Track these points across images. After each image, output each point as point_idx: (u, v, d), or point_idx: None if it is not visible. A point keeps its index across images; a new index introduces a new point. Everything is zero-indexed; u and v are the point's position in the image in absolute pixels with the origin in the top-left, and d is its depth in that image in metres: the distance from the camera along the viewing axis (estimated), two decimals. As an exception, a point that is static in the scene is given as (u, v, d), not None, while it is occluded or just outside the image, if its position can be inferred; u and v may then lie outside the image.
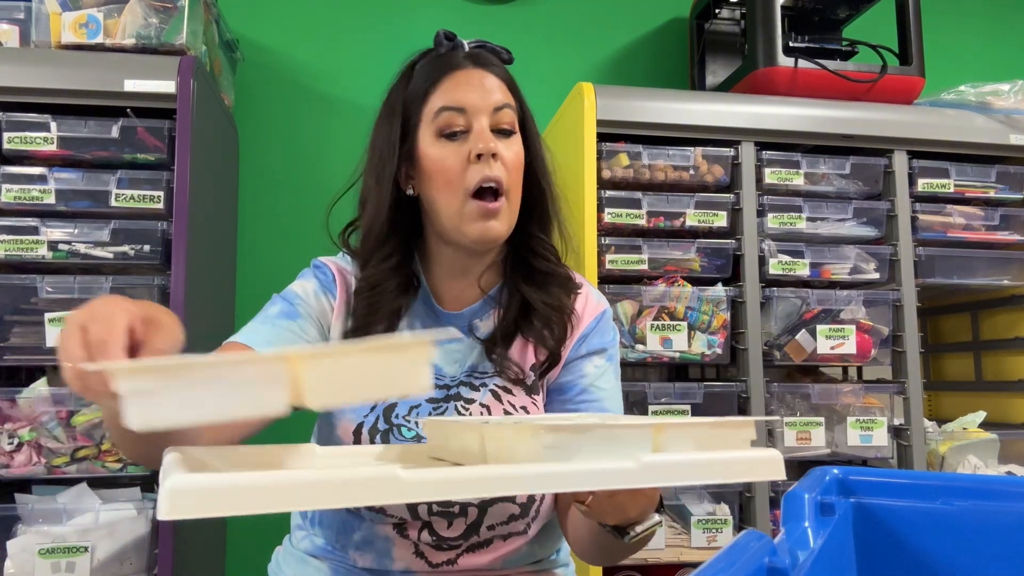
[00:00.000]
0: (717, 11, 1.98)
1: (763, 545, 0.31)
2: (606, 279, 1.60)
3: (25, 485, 1.42)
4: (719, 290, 1.62)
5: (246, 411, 0.48)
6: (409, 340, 0.53)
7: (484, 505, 0.87)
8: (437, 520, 0.86)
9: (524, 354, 0.96)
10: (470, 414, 0.90)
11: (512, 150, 0.90)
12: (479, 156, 0.87)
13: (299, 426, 0.90)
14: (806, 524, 0.36)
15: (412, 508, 0.86)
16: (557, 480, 0.49)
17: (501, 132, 0.91)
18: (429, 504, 0.86)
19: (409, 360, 0.50)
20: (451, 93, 0.89)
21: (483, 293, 0.97)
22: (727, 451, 0.49)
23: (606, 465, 0.49)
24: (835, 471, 0.41)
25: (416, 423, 0.89)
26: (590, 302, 1.00)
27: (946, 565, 0.37)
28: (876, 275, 1.70)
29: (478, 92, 0.89)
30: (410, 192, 0.94)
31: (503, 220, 0.89)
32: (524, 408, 0.92)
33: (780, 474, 0.49)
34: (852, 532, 0.39)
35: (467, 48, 0.94)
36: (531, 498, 0.88)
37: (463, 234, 0.89)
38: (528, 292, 0.94)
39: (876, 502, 0.39)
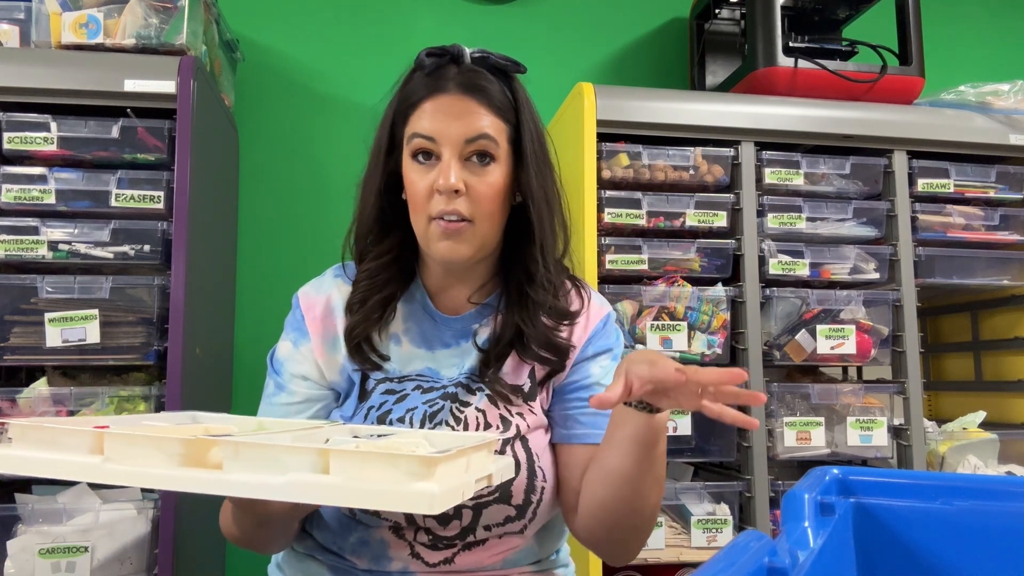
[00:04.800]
0: (717, 11, 1.98)
1: (763, 545, 0.31)
2: (606, 279, 1.60)
3: (25, 485, 1.42)
4: (719, 290, 1.62)
5: None
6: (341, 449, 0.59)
7: (479, 507, 0.87)
8: (432, 521, 0.86)
9: (521, 365, 0.95)
10: (465, 417, 0.90)
11: (486, 180, 0.88)
12: (439, 191, 0.87)
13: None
14: (806, 524, 0.35)
15: (408, 515, 0.86)
16: (213, 485, 0.58)
17: (476, 159, 0.88)
18: None
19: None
20: (426, 119, 0.87)
21: (475, 306, 0.97)
22: (383, 481, 0.55)
23: (260, 478, 0.57)
24: (835, 471, 0.40)
25: (409, 424, 0.89)
26: (593, 306, 0.99)
27: (946, 565, 0.37)
28: (876, 275, 1.70)
29: (452, 122, 0.86)
30: (404, 197, 0.93)
31: (466, 242, 0.88)
32: (520, 414, 0.92)
33: (427, 509, 0.53)
34: (852, 532, 0.39)
35: (468, 58, 0.90)
36: (527, 500, 0.88)
37: (430, 253, 0.90)
38: (523, 323, 0.93)
39: (876, 502, 0.39)
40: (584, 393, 0.94)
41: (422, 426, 0.89)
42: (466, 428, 0.89)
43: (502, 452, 0.88)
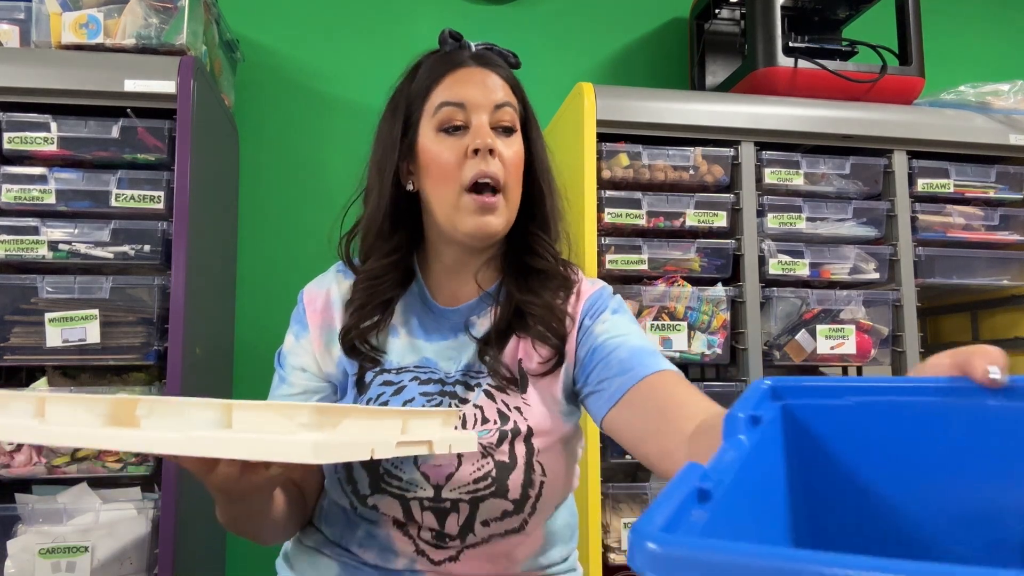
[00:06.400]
0: (717, 11, 1.98)
1: (696, 470, 0.35)
2: (606, 279, 1.57)
3: (25, 485, 1.42)
4: (719, 290, 1.62)
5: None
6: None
7: (475, 501, 0.86)
8: (429, 516, 0.86)
9: (519, 353, 0.94)
10: (463, 414, 0.89)
11: (512, 148, 0.91)
12: (476, 151, 0.88)
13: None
14: (741, 437, 0.41)
15: (405, 507, 0.86)
16: (127, 441, 0.61)
17: (501, 130, 0.91)
18: (420, 500, 0.86)
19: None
20: (453, 89, 0.90)
21: (480, 290, 0.97)
22: (276, 432, 0.56)
23: (165, 434, 0.59)
24: (767, 382, 0.47)
25: None
26: (584, 284, 0.98)
27: (855, 451, 0.46)
28: (876, 275, 1.70)
29: (479, 89, 0.90)
30: (410, 188, 0.94)
31: (500, 216, 0.89)
32: (517, 408, 0.91)
33: (311, 458, 0.53)
34: (781, 433, 0.46)
35: (474, 49, 0.95)
36: (524, 495, 0.87)
37: (457, 229, 0.89)
38: (522, 296, 0.93)
39: (799, 402, 0.47)
40: (599, 354, 0.89)
41: None
42: (463, 424, 0.88)
43: (499, 445, 0.87)
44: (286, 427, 0.57)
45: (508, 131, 0.92)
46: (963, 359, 0.47)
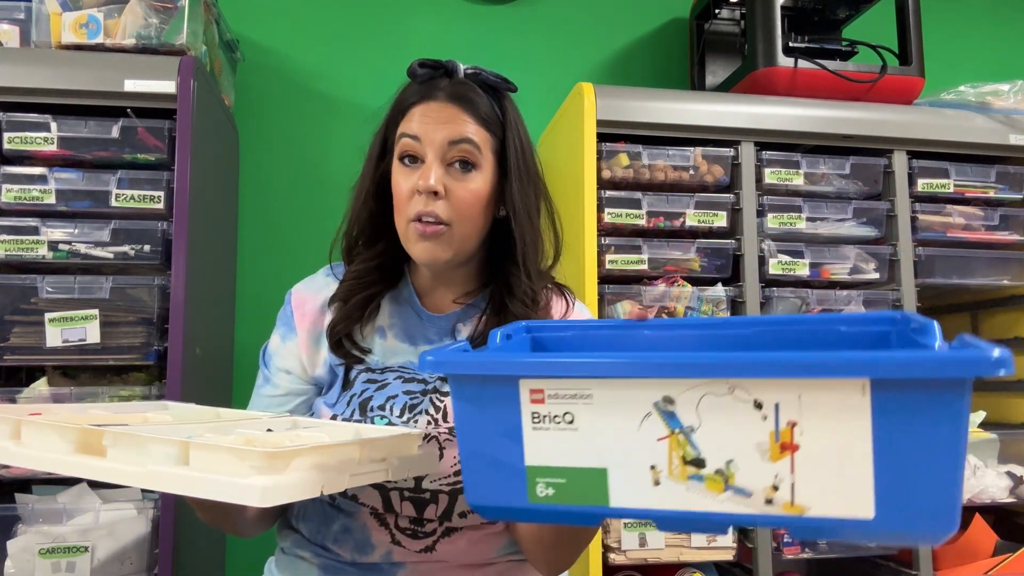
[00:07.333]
0: (717, 11, 1.98)
1: (463, 344, 0.72)
2: (606, 279, 1.60)
3: (25, 485, 1.42)
4: (719, 290, 1.62)
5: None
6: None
7: (454, 492, 0.89)
8: (408, 506, 0.88)
9: None
10: (444, 407, 0.92)
11: (467, 187, 0.90)
12: (419, 191, 0.90)
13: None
14: (498, 340, 0.74)
15: (385, 498, 0.88)
16: (90, 471, 0.64)
17: (459, 165, 0.91)
18: (401, 491, 0.88)
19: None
20: (414, 122, 0.91)
21: (460, 306, 1.00)
22: (229, 474, 0.59)
23: (126, 467, 0.63)
24: (523, 323, 0.79)
25: (390, 411, 0.91)
26: (575, 312, 1.02)
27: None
28: (876, 275, 1.70)
29: (436, 125, 0.90)
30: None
31: (443, 245, 0.90)
32: None
33: (258, 502, 0.57)
34: (528, 344, 0.78)
35: (461, 73, 0.94)
36: None
37: (411, 252, 0.93)
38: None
39: (542, 334, 0.79)
40: None
41: (402, 415, 0.90)
42: (445, 418, 0.91)
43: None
44: (238, 468, 0.59)
45: (467, 168, 0.91)
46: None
